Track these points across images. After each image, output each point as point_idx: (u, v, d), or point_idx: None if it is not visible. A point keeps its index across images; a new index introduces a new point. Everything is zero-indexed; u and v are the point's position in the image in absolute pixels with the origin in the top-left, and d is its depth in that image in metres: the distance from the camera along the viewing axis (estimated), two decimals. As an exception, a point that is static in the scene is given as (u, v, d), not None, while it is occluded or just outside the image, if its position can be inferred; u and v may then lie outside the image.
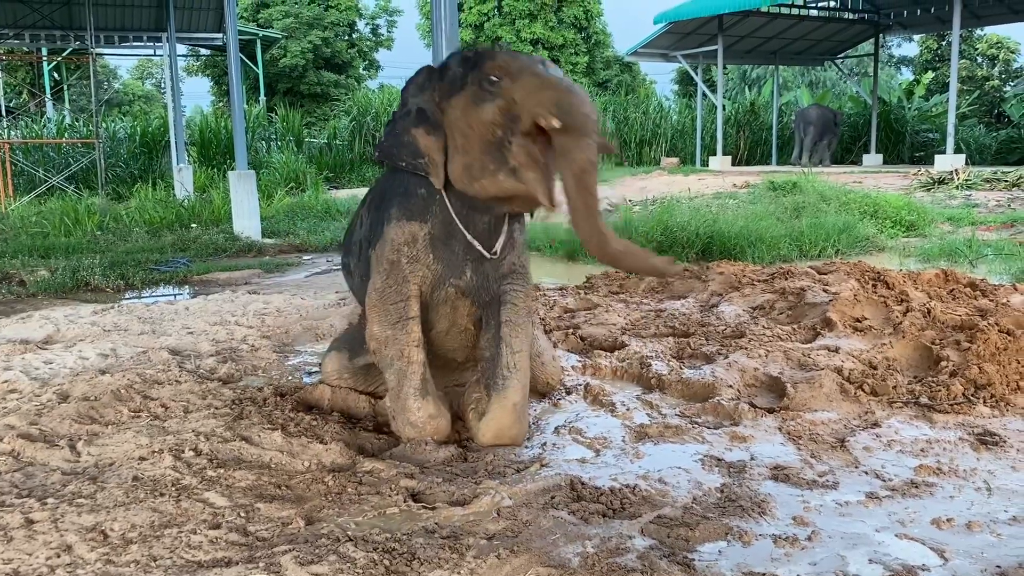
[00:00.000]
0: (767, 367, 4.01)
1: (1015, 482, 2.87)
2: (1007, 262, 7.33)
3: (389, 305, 3.25)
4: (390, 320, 3.25)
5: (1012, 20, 23.20)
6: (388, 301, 3.25)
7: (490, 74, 2.92)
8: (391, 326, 3.25)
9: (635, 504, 2.71)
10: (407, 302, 3.24)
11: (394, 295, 3.25)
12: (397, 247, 3.22)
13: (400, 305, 3.24)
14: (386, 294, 3.26)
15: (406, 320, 3.25)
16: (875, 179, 14.86)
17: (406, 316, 3.25)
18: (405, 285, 3.23)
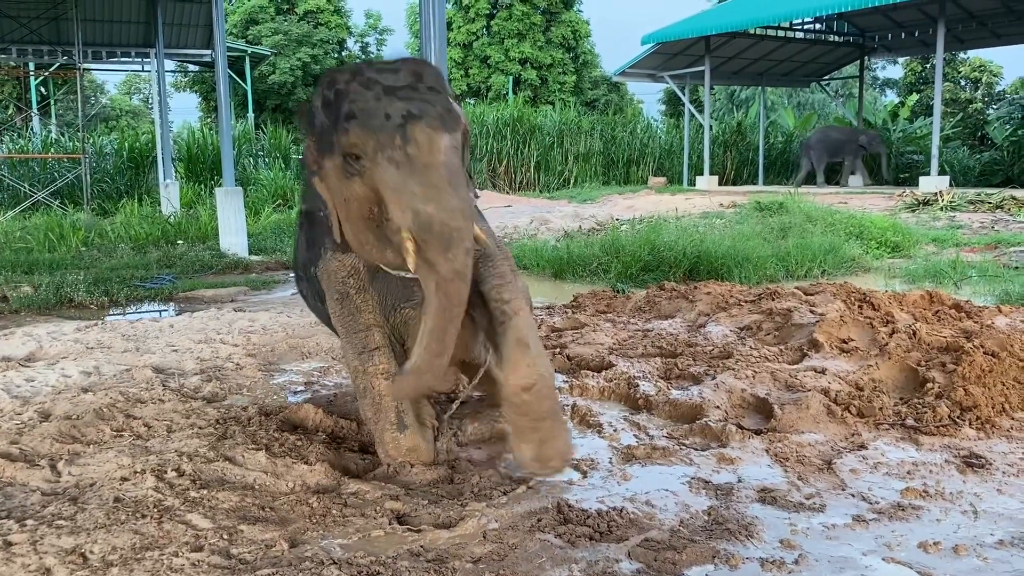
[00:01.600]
0: (754, 388, 4.01)
1: (1001, 505, 2.87)
2: (991, 284, 7.38)
3: (351, 334, 3.12)
4: (356, 350, 3.13)
5: (995, 44, 23.54)
6: (350, 330, 3.12)
7: (349, 151, 2.59)
8: (357, 356, 3.12)
9: (622, 527, 2.70)
10: (367, 332, 3.09)
11: (352, 324, 3.11)
12: (341, 279, 3.08)
13: (361, 336, 3.10)
14: (345, 323, 3.13)
15: (370, 352, 3.10)
16: (860, 200, 14.96)
17: (369, 348, 3.10)
18: (360, 315, 3.09)
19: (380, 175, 2.55)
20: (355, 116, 2.55)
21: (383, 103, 2.53)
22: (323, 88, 2.73)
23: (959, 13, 20.01)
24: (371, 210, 2.69)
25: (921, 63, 31.93)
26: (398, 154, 2.50)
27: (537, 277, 8.78)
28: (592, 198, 18.07)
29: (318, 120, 2.73)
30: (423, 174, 2.49)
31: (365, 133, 2.54)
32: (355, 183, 2.64)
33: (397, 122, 2.51)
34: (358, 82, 2.60)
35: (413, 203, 2.48)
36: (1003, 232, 11.09)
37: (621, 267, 8.21)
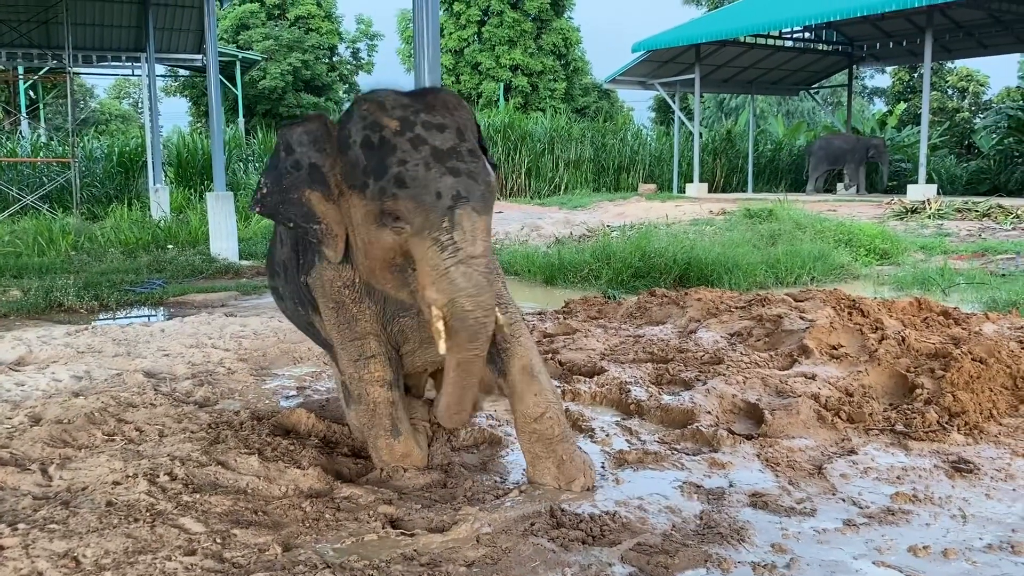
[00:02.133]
0: (745, 394, 4.04)
1: (989, 510, 2.90)
2: (978, 291, 7.43)
3: (347, 342, 3.10)
4: (350, 356, 3.11)
5: (981, 54, 23.72)
6: (346, 338, 3.09)
7: (391, 213, 2.59)
8: (352, 363, 3.11)
9: (615, 531, 2.71)
10: (363, 340, 3.07)
11: (348, 332, 3.08)
12: (338, 289, 3.04)
13: (357, 343, 3.08)
14: (341, 331, 3.09)
15: (365, 359, 3.08)
16: (849, 208, 15.05)
17: (365, 355, 3.08)
18: (356, 324, 3.06)
19: (423, 251, 2.59)
20: (406, 185, 2.56)
21: (433, 175, 2.56)
22: (364, 123, 2.68)
23: (946, 23, 20.17)
24: (395, 259, 2.72)
25: (909, 72, 32.17)
26: (444, 238, 2.55)
27: (528, 283, 8.80)
28: (583, 205, 18.10)
29: (352, 153, 2.69)
30: (467, 266, 2.57)
31: (415, 207, 2.56)
32: (386, 233, 2.66)
33: (447, 204, 2.55)
34: (408, 140, 2.59)
35: (453, 293, 2.57)
36: (990, 240, 11.17)
37: (612, 273, 8.23)
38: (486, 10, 33.12)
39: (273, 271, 3.51)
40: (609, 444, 3.59)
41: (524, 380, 3.02)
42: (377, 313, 3.07)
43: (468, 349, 2.65)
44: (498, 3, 32.67)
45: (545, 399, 3.03)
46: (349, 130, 2.71)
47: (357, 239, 2.79)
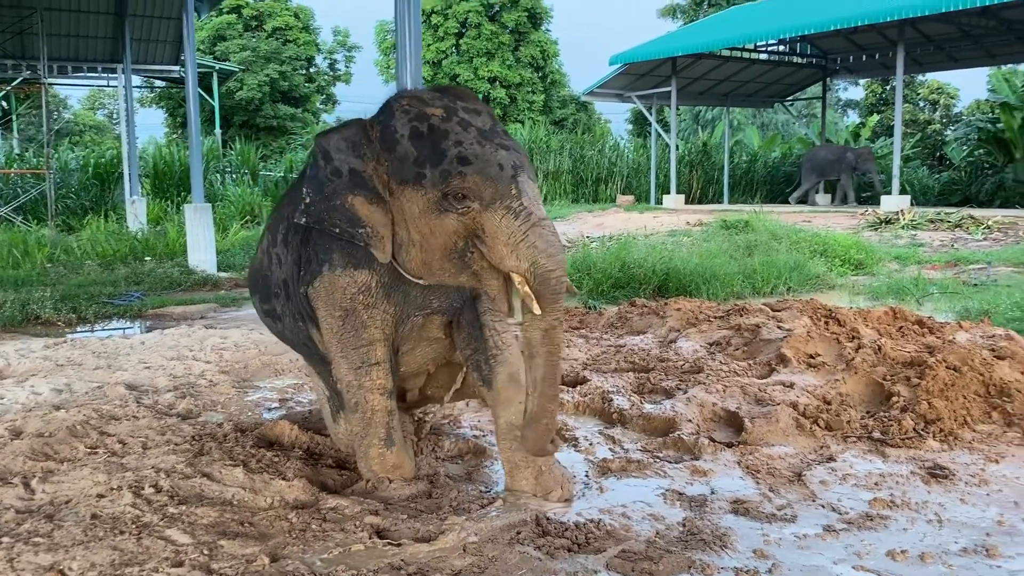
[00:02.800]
0: (725, 402, 4.09)
1: (964, 514, 2.97)
2: (952, 300, 7.56)
3: (350, 350, 3.07)
4: (352, 364, 3.08)
5: (952, 67, 24.11)
6: (348, 346, 3.07)
7: (457, 192, 2.65)
8: (354, 370, 3.09)
9: (600, 539, 2.74)
10: (369, 347, 3.06)
11: (353, 340, 3.05)
12: (351, 296, 3.00)
13: (362, 351, 3.06)
14: (344, 338, 3.06)
15: (368, 367, 3.07)
16: (824, 218, 15.23)
17: (368, 362, 3.06)
18: (364, 330, 3.04)
19: (495, 223, 2.66)
20: (470, 162, 2.64)
21: (488, 150, 2.67)
22: (409, 117, 2.75)
23: (917, 37, 20.50)
24: (457, 243, 2.74)
25: (882, 85, 32.63)
26: (516, 204, 2.64)
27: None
28: (562, 216, 18.19)
29: (401, 148, 2.74)
30: (540, 228, 2.65)
31: (483, 180, 2.64)
32: (449, 218, 2.69)
33: (510, 173, 2.65)
34: (456, 122, 2.69)
35: (534, 255, 2.64)
36: (962, 250, 11.36)
37: (592, 284, 8.29)
38: (464, 22, 33.26)
39: (269, 294, 3.42)
40: (592, 453, 3.63)
41: (511, 388, 3.07)
42: (393, 315, 3.05)
43: (555, 309, 2.71)
44: (476, 16, 32.82)
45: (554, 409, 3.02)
46: (393, 127, 2.77)
47: (413, 233, 2.79)
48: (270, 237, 3.40)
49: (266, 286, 3.43)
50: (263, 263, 3.44)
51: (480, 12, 32.88)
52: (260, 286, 3.49)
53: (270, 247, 3.37)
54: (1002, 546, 2.71)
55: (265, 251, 3.43)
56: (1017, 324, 5.99)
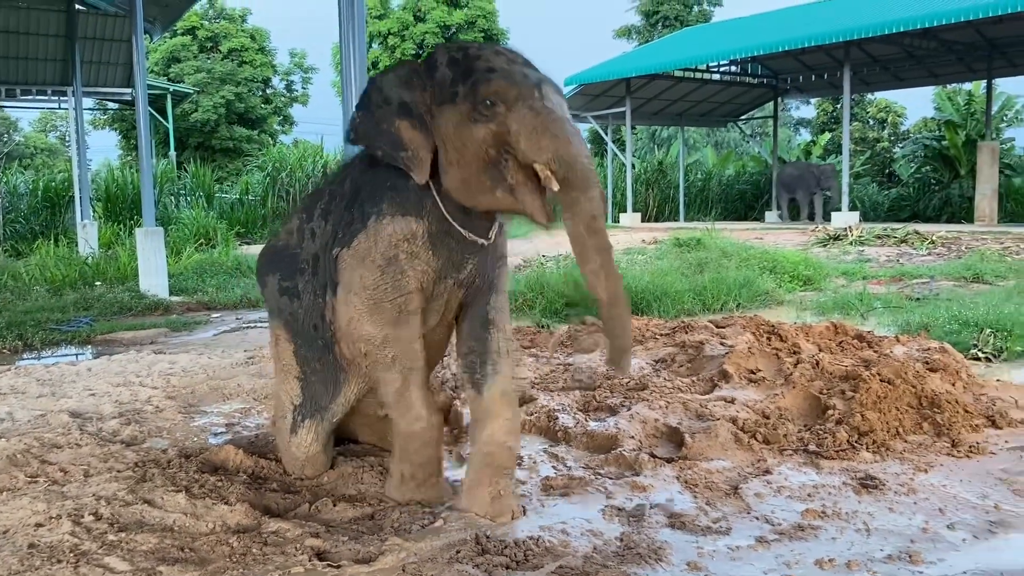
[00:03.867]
0: (667, 418, 4.17)
1: (891, 523, 3.07)
2: (894, 314, 7.74)
3: (385, 303, 3.08)
4: (386, 318, 3.09)
5: (898, 86, 24.81)
6: (384, 298, 3.08)
7: (485, 98, 2.82)
8: (389, 324, 3.10)
9: (538, 555, 2.79)
10: (407, 296, 3.10)
11: (391, 291, 3.08)
12: (395, 243, 3.06)
13: (399, 300, 3.09)
14: (380, 290, 3.08)
15: (407, 315, 3.11)
16: (775, 235, 15.52)
17: (406, 310, 3.11)
18: (403, 279, 3.08)
19: (520, 120, 2.79)
20: (496, 71, 2.85)
21: (515, 67, 2.89)
22: (447, 51, 3.02)
23: (864, 58, 21.06)
24: (489, 152, 2.86)
25: (832, 103, 33.34)
26: (538, 103, 2.81)
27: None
28: (519, 235, 18.26)
29: (439, 73, 2.96)
30: (561, 123, 2.80)
31: (508, 84, 2.82)
32: (480, 128, 2.84)
33: (534, 81, 2.86)
34: (488, 52, 2.95)
35: (555, 144, 2.76)
36: (907, 265, 11.65)
37: (546, 303, 8.36)
38: (421, 44, 33.43)
39: (294, 271, 3.43)
40: (536, 471, 3.68)
41: (502, 403, 3.16)
42: (435, 270, 3.12)
43: (587, 199, 2.79)
44: (433, 37, 33.02)
45: (514, 429, 3.20)
46: (435, 57, 3.02)
47: (451, 152, 2.94)
48: (304, 215, 3.47)
49: (292, 263, 3.44)
50: (289, 242, 3.50)
51: (437, 34, 33.10)
52: (284, 264, 3.49)
53: (303, 224, 3.43)
54: (925, 552, 2.81)
55: (295, 230, 3.48)
56: (954, 337, 6.18)
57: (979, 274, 9.98)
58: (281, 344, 3.54)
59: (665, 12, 36.70)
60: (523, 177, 2.84)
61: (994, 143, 20.14)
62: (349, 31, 5.26)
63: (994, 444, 3.90)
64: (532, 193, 2.85)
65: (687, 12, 36.93)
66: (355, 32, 5.30)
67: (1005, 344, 6.06)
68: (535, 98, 2.81)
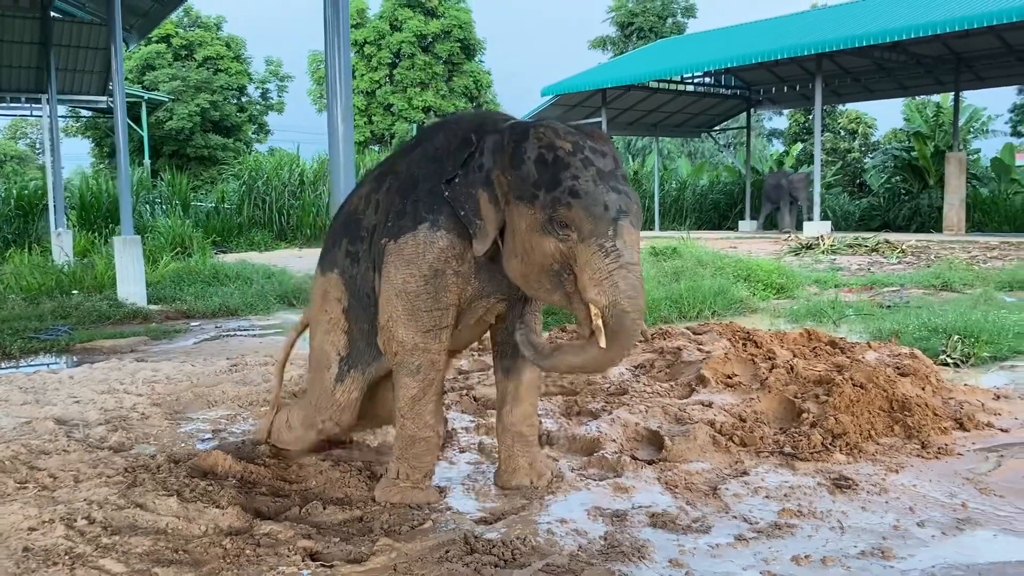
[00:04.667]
0: (647, 422, 4.28)
1: (864, 521, 3.19)
2: (866, 322, 7.92)
3: (423, 312, 3.19)
4: (421, 327, 3.21)
5: (868, 98, 25.27)
6: (423, 307, 3.19)
7: (562, 220, 2.84)
8: (422, 333, 3.22)
9: (525, 554, 2.87)
10: (444, 311, 3.22)
11: (430, 302, 3.19)
12: (446, 258, 3.15)
13: (436, 314, 3.21)
14: (422, 299, 3.18)
15: (440, 330, 3.24)
16: (749, 244, 15.74)
17: (440, 326, 3.23)
18: (445, 294, 3.19)
19: (588, 256, 2.84)
20: (579, 196, 2.84)
21: (601, 189, 2.87)
22: (540, 144, 2.94)
23: (835, 70, 21.44)
24: (553, 264, 2.92)
25: (805, 114, 33.80)
26: (609, 244, 2.83)
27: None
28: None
29: (525, 168, 2.94)
30: (627, 271, 2.84)
31: (586, 215, 2.83)
32: (551, 241, 2.89)
33: (613, 215, 2.85)
34: (579, 158, 2.90)
35: (615, 295, 2.82)
36: (878, 274, 11.88)
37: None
38: (397, 52, 33.53)
39: (358, 237, 3.50)
40: (520, 474, 3.76)
41: (529, 391, 3.51)
42: (477, 289, 3.24)
43: (623, 348, 2.92)
44: (409, 46, 33.12)
45: (536, 409, 3.63)
46: (524, 148, 2.97)
47: (517, 245, 3.00)
48: (374, 184, 3.52)
49: (357, 229, 3.51)
50: (358, 207, 3.54)
51: (413, 43, 33.21)
52: (351, 229, 3.55)
53: (371, 193, 3.49)
54: (896, 548, 2.93)
55: (365, 196, 3.53)
56: (923, 343, 6.35)
57: (947, 282, 10.21)
58: (330, 300, 3.61)
59: (640, 24, 37.12)
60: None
61: (961, 154, 20.54)
62: (334, 39, 5.31)
63: (961, 446, 4.04)
64: (586, 308, 2.89)
65: (661, 24, 37.36)
66: (339, 41, 5.35)
67: (972, 350, 6.24)
68: (607, 238, 2.82)
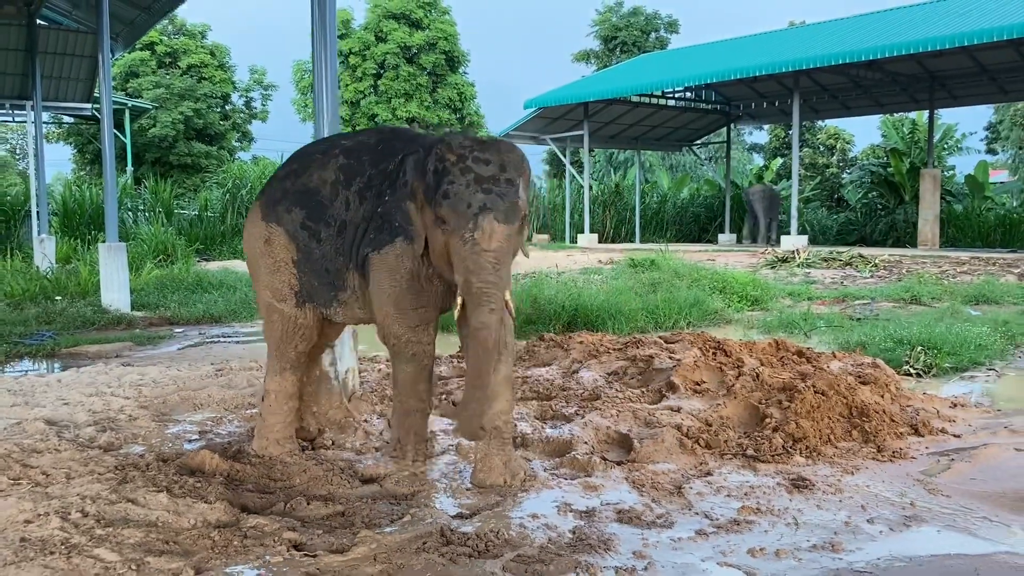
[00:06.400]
0: (618, 425, 4.48)
1: (818, 517, 3.39)
2: (835, 333, 8.16)
3: (408, 311, 3.78)
4: (409, 323, 3.79)
5: (846, 115, 25.69)
6: (408, 307, 3.77)
7: (440, 216, 3.47)
8: (412, 329, 3.81)
9: (498, 546, 3.05)
10: (426, 309, 3.82)
11: (413, 301, 3.78)
12: (419, 266, 3.72)
13: (420, 311, 3.80)
14: (405, 300, 3.77)
15: (426, 324, 3.84)
16: (727, 257, 16.01)
17: (425, 321, 3.83)
18: (423, 295, 3.78)
19: (453, 244, 3.47)
20: (449, 197, 3.45)
21: (469, 192, 3.45)
22: (437, 156, 3.55)
23: (813, 86, 21.83)
24: (444, 251, 3.54)
25: (784, 129, 34.22)
26: (467, 235, 3.41)
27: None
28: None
29: (428, 177, 3.57)
30: (478, 255, 3.41)
31: (450, 211, 3.45)
32: (439, 233, 3.53)
33: (474, 211, 3.42)
34: (459, 167, 3.48)
35: (466, 274, 3.43)
36: (850, 287, 12.16)
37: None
38: (382, 63, 33.71)
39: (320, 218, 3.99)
40: (496, 474, 3.94)
41: (504, 387, 3.77)
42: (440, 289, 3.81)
43: (478, 316, 3.40)
44: (394, 57, 33.32)
45: (512, 405, 3.90)
46: (428, 161, 3.60)
47: (431, 239, 3.60)
48: (342, 177, 3.95)
49: (318, 209, 3.96)
50: (321, 190, 3.97)
51: (398, 54, 33.41)
52: (311, 205, 3.99)
53: (340, 187, 3.93)
54: (846, 542, 3.13)
55: (329, 182, 3.96)
56: (888, 354, 6.59)
57: (917, 296, 10.48)
58: (276, 247, 4.06)
59: (623, 38, 37.52)
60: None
61: (936, 171, 20.96)
62: (321, 49, 5.48)
63: (916, 450, 4.26)
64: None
65: (644, 39, 37.77)
66: (327, 51, 5.51)
67: (935, 360, 6.49)
68: (467, 230, 3.41)
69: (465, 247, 3.41)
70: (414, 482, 3.81)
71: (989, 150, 37.00)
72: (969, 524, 3.32)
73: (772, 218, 22.12)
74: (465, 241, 3.41)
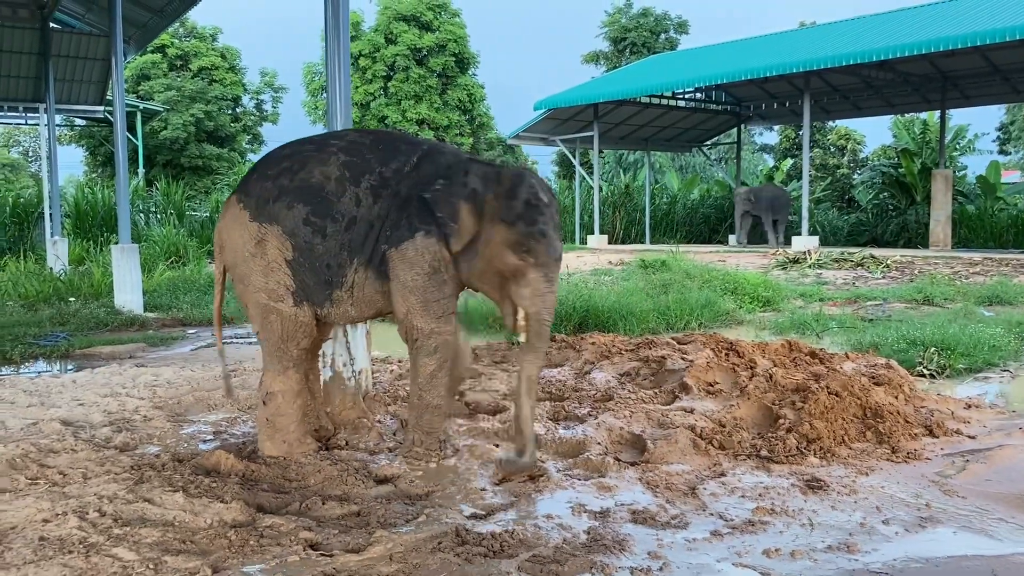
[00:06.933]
0: (631, 426, 4.48)
1: (833, 519, 3.39)
2: (848, 334, 8.14)
3: (432, 303, 3.95)
4: (433, 315, 3.96)
5: (856, 115, 25.57)
6: (431, 299, 3.94)
7: (530, 249, 3.74)
8: (435, 320, 3.97)
9: (513, 546, 3.07)
10: (448, 300, 3.99)
11: (437, 294, 3.94)
12: (440, 258, 3.90)
13: (443, 303, 3.98)
14: (429, 293, 3.93)
15: (448, 315, 4.01)
16: (738, 258, 15.97)
17: (448, 312, 4.00)
18: (445, 287, 3.96)
19: (535, 277, 3.78)
20: (546, 236, 3.77)
21: (555, 236, 3.83)
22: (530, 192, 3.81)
23: (823, 87, 21.75)
24: (506, 273, 3.82)
25: (795, 130, 34.11)
26: (551, 274, 3.81)
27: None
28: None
29: (517, 203, 3.78)
30: (552, 294, 3.83)
31: (544, 252, 3.78)
32: (513, 258, 3.78)
33: (556, 256, 3.84)
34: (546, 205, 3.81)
35: (541, 307, 3.80)
36: (862, 288, 12.11)
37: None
38: (392, 65, 33.78)
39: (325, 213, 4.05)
40: (510, 474, 3.95)
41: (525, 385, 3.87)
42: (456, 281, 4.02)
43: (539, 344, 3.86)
44: (403, 59, 33.39)
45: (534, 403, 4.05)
46: (521, 191, 3.81)
47: (485, 251, 3.85)
48: (348, 174, 3.99)
49: (322, 204, 3.98)
50: (325, 185, 3.99)
51: (408, 56, 33.48)
52: (315, 201, 3.99)
53: (347, 182, 3.98)
54: (861, 543, 3.13)
55: (334, 179, 3.99)
56: (902, 355, 6.57)
57: (929, 297, 10.44)
58: (269, 248, 4.05)
59: (633, 39, 37.48)
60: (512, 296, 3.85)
61: (948, 171, 20.85)
62: (335, 52, 5.50)
63: (930, 451, 4.25)
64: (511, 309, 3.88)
65: (654, 40, 37.72)
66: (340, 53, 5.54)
67: (948, 361, 6.46)
68: (550, 269, 3.80)
69: (544, 284, 3.77)
70: (429, 482, 3.82)
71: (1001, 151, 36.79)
72: (985, 525, 3.31)
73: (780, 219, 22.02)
74: (548, 280, 3.78)
